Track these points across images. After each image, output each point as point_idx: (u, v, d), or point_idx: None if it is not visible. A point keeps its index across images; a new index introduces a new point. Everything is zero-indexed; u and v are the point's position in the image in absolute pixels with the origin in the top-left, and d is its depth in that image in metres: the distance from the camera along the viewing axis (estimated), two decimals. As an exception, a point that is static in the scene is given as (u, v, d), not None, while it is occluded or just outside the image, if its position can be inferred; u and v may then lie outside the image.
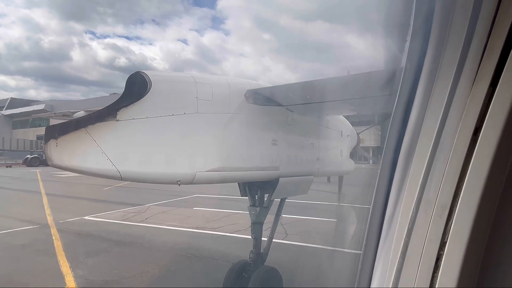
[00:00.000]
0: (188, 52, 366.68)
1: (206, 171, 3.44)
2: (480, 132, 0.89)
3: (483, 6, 0.89)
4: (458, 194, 0.92)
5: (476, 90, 0.91)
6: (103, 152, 2.86)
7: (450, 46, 0.96)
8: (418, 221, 0.99)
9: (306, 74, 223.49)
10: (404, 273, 1.00)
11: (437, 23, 0.99)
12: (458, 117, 0.93)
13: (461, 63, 0.94)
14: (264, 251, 4.99)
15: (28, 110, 44.63)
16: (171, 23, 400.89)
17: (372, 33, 1.62)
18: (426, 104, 1.02)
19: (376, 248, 1.12)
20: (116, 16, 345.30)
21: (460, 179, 0.92)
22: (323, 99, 4.08)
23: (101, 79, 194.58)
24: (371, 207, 1.17)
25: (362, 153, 9.70)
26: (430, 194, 0.98)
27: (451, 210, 0.93)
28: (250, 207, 4.86)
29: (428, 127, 1.00)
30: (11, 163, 43.99)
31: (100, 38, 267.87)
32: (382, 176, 1.14)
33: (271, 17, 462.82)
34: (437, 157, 0.98)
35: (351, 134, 6.77)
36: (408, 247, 1.00)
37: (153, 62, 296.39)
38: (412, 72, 1.08)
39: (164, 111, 3.18)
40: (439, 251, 0.93)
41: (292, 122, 4.52)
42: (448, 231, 0.92)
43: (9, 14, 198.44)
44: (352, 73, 3.55)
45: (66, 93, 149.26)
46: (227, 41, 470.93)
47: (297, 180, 4.81)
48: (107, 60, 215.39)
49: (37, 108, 41.89)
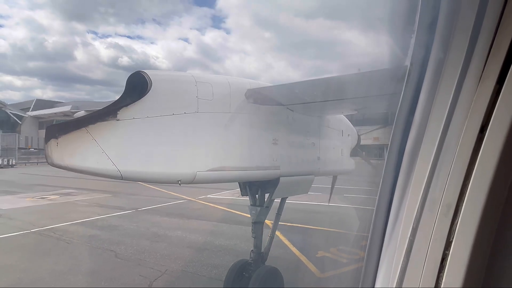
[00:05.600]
0: (190, 50, 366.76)
1: (207, 170, 3.43)
2: (486, 130, 0.88)
3: (490, 3, 0.88)
4: (464, 193, 0.91)
5: (482, 87, 0.90)
6: (103, 151, 2.85)
7: (456, 44, 0.95)
8: (423, 220, 0.98)
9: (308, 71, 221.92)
10: (409, 273, 0.98)
11: (443, 20, 0.98)
12: (464, 115, 0.92)
13: (467, 61, 0.93)
14: (265, 250, 4.98)
15: (55, 111, 45.19)
16: (172, 22, 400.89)
17: (376, 31, 1.61)
18: (431, 102, 1.00)
19: (381, 247, 1.11)
20: (117, 15, 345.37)
21: (466, 177, 0.91)
22: (323, 98, 4.07)
23: (105, 78, 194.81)
24: (375, 206, 1.16)
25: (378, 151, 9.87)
26: (435, 193, 0.96)
27: (456, 209, 0.91)
28: (251, 206, 4.86)
29: (433, 125, 0.99)
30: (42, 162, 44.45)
31: (102, 37, 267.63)
32: (387, 174, 1.13)
33: (271, 15, 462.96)
34: (442, 155, 0.97)
35: (352, 133, 6.76)
36: (413, 246, 0.99)
37: (156, 60, 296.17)
38: (417, 70, 1.07)
39: (165, 110, 3.17)
40: (445, 250, 0.92)
41: (293, 122, 4.51)
42: (454, 231, 0.91)
43: (13, 16, 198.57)
44: (355, 72, 3.53)
45: (72, 92, 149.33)
46: (229, 40, 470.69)
47: (298, 179, 4.81)
48: (110, 59, 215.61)
49: (64, 109, 42.49)
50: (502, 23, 0.87)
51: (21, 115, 54.02)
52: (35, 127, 54.59)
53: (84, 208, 13.97)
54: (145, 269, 7.00)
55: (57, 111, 43.81)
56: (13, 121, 53.90)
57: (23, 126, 53.75)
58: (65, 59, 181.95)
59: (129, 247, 8.55)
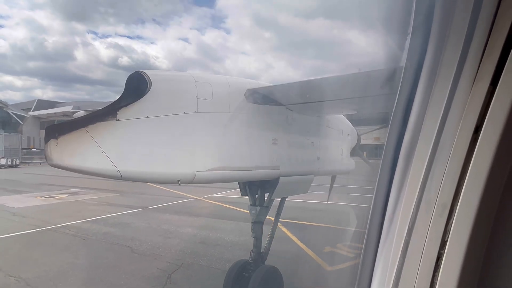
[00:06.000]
0: (190, 50, 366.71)
1: (206, 170, 3.43)
2: (480, 131, 0.89)
3: (484, 5, 0.88)
4: (458, 193, 0.91)
5: (476, 88, 0.90)
6: (103, 151, 2.85)
7: (451, 45, 0.95)
8: (419, 220, 0.99)
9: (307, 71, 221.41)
10: (404, 273, 0.99)
11: (438, 21, 0.98)
12: (458, 115, 0.93)
13: (461, 62, 0.93)
14: (264, 250, 4.99)
15: (56, 112, 45.49)
16: (172, 22, 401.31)
17: (373, 31, 1.61)
18: (426, 102, 1.01)
19: (377, 247, 1.12)
20: (117, 16, 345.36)
21: (460, 178, 0.91)
22: (323, 98, 4.07)
23: (105, 78, 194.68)
24: (371, 206, 1.16)
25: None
26: (430, 193, 0.97)
27: (451, 209, 0.92)
28: (251, 206, 4.86)
29: (428, 125, 1.00)
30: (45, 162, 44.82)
31: (102, 37, 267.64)
32: (383, 175, 1.14)
33: (270, 15, 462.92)
34: (437, 156, 0.97)
35: (351, 133, 6.76)
36: (408, 246, 1.00)
37: (156, 60, 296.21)
38: (412, 70, 1.07)
39: (164, 110, 3.17)
40: (440, 250, 0.92)
41: (292, 121, 4.51)
42: (449, 230, 0.92)
43: (13, 16, 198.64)
44: (352, 72, 3.54)
45: (72, 92, 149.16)
46: (228, 40, 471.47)
47: (298, 179, 4.81)
48: (110, 59, 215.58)
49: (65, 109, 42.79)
50: (496, 24, 0.87)
51: (23, 115, 54.20)
52: (36, 127, 54.86)
53: (93, 206, 14.19)
54: (162, 263, 7.23)
55: (59, 111, 44.11)
56: (14, 121, 54.14)
57: (25, 126, 54.02)
58: (65, 59, 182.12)
59: (143, 243, 8.80)
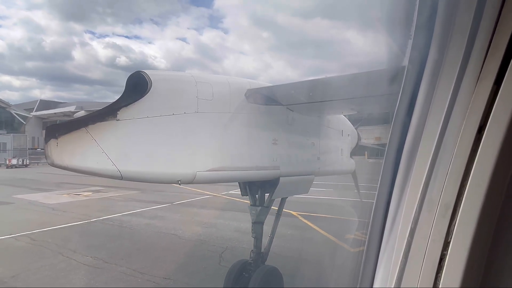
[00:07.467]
0: (188, 50, 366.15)
1: (207, 170, 3.43)
2: (484, 130, 0.88)
3: (487, 3, 0.88)
4: (462, 193, 0.90)
5: (480, 88, 0.90)
6: (103, 151, 2.85)
7: (454, 44, 0.95)
8: (421, 220, 0.98)
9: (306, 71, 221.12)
10: (407, 273, 0.98)
11: (441, 20, 0.98)
12: (462, 115, 0.92)
13: (464, 61, 0.92)
14: (264, 250, 4.98)
15: (59, 112, 45.38)
16: (170, 22, 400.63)
17: (374, 31, 1.61)
18: (429, 102, 1.00)
19: (379, 247, 1.11)
20: (115, 15, 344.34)
21: (464, 178, 0.91)
22: (323, 98, 4.06)
23: (104, 77, 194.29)
24: (373, 207, 1.16)
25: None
26: (433, 194, 0.96)
27: (454, 210, 0.91)
28: (251, 206, 4.86)
29: (431, 125, 0.99)
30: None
31: (100, 37, 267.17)
32: (385, 175, 1.13)
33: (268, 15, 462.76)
34: (440, 155, 0.97)
35: (352, 133, 6.76)
36: (411, 247, 0.99)
37: (154, 60, 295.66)
38: (415, 70, 1.06)
39: (165, 110, 3.17)
40: (443, 251, 0.92)
41: (293, 122, 4.51)
42: (452, 231, 0.91)
43: (10, 16, 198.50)
44: (353, 72, 3.53)
45: (71, 92, 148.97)
46: (227, 40, 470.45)
47: (298, 179, 4.81)
48: (108, 59, 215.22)
49: (68, 109, 42.73)
50: (500, 23, 0.86)
51: (25, 116, 54.35)
52: (39, 128, 54.98)
53: (122, 202, 14.54)
54: (210, 246, 7.98)
55: (61, 111, 44.20)
56: (17, 121, 54.34)
57: (27, 126, 54.22)
58: (63, 59, 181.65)
59: (185, 231, 9.47)
